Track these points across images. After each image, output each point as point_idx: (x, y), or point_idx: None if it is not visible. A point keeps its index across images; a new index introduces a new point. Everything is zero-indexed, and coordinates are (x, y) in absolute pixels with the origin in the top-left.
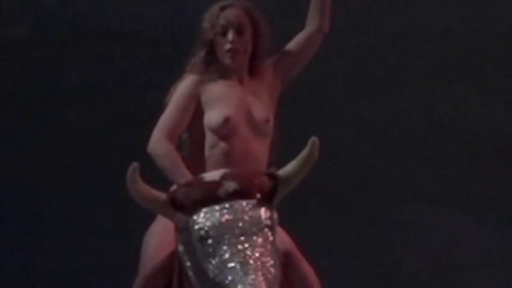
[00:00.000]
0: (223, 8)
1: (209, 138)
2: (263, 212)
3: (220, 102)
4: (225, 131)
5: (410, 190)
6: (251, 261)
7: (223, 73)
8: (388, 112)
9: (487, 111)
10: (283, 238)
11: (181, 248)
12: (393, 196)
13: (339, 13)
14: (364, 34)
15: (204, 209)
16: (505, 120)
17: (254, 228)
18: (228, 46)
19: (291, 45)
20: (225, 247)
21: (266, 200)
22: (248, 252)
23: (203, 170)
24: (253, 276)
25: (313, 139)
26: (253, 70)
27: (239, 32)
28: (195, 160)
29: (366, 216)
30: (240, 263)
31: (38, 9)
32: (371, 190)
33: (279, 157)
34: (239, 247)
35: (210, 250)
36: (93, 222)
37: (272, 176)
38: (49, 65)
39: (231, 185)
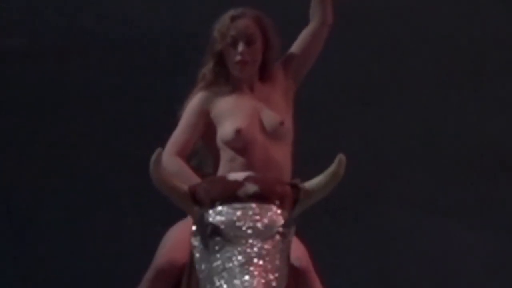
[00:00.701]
0: (233, 19)
1: (227, 153)
2: (278, 219)
3: (230, 115)
4: (239, 143)
5: (409, 198)
6: (252, 264)
7: (233, 84)
8: (387, 121)
9: (485, 120)
10: (300, 254)
11: (194, 241)
12: (392, 205)
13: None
14: (362, 43)
15: (220, 207)
16: (503, 128)
17: (266, 233)
18: (238, 58)
19: (297, 43)
20: (231, 246)
21: (285, 209)
22: (253, 255)
23: None
24: (247, 278)
25: (340, 156)
26: (264, 77)
27: (249, 43)
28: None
29: (365, 225)
30: (241, 264)
31: (36, 19)
32: (370, 199)
33: None
34: (246, 249)
35: (217, 247)
36: (92, 225)
37: (295, 187)
38: (47, 74)
39: (252, 187)
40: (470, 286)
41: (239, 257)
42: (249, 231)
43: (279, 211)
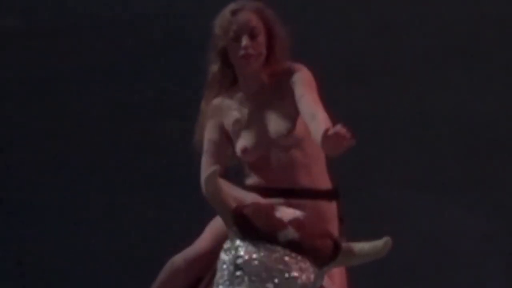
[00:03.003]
0: (234, 13)
1: (244, 164)
2: (306, 276)
3: (239, 129)
4: (248, 159)
5: (402, 178)
6: None
7: (241, 83)
8: (379, 100)
9: (478, 99)
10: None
11: (222, 256)
12: (385, 184)
13: (329, 2)
14: (354, 22)
15: (255, 241)
16: (497, 107)
17: (289, 285)
18: (242, 52)
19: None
20: (244, 285)
21: (318, 264)
22: None
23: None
24: None
25: (388, 239)
26: (273, 72)
27: (252, 36)
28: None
29: (358, 205)
30: None
31: (24, 1)
32: (363, 178)
33: None
34: None
35: (232, 279)
36: (85, 215)
37: (337, 245)
38: (39, 55)
39: (292, 234)
40: (464, 265)
41: None
42: (268, 279)
43: (311, 268)
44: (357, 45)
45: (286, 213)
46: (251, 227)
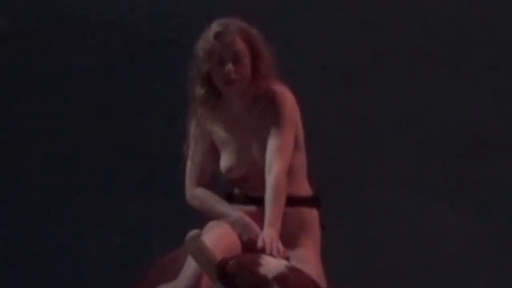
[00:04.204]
0: (217, 36)
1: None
2: None
3: (223, 148)
4: (232, 177)
5: (387, 178)
6: None
7: (226, 99)
8: (365, 101)
9: (463, 100)
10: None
11: None
12: (371, 184)
13: (317, 3)
14: (340, 22)
15: None
16: (482, 108)
17: None
18: (226, 76)
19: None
20: None
21: None
22: None
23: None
24: None
25: None
26: (258, 93)
27: (236, 60)
28: None
29: (344, 205)
30: None
31: (14, 1)
32: (350, 179)
33: None
34: None
35: None
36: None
37: None
38: (29, 55)
39: None
40: (451, 265)
41: None
42: None
43: None
44: (344, 46)
45: (271, 266)
46: (235, 285)
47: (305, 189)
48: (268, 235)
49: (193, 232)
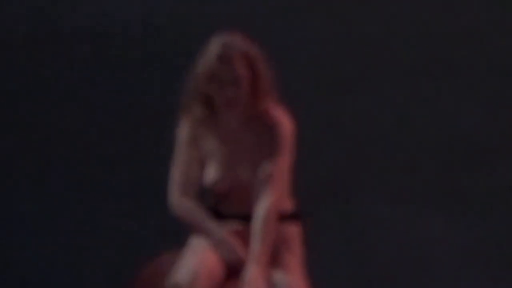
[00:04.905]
0: (219, 58)
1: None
2: None
3: (211, 161)
4: (215, 190)
5: (381, 189)
6: None
7: (222, 117)
8: (359, 111)
9: (457, 110)
10: None
11: None
12: (365, 195)
13: (310, 12)
14: (334, 33)
15: None
16: (475, 118)
17: None
18: (225, 99)
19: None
20: None
21: None
22: None
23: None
24: None
25: None
26: (255, 113)
27: (236, 83)
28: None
29: (337, 215)
30: None
31: (3, 9)
32: (343, 189)
33: None
34: None
35: None
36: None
37: None
38: (16, 65)
39: None
40: (443, 273)
41: None
42: None
43: None
44: (337, 56)
45: None
46: None
47: (287, 204)
48: (252, 276)
49: (173, 284)
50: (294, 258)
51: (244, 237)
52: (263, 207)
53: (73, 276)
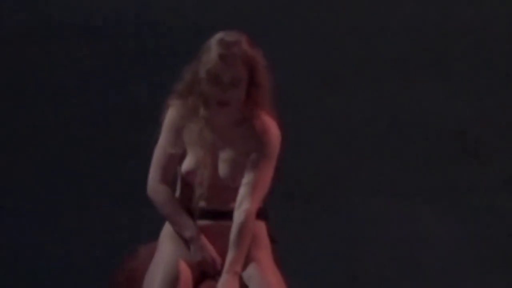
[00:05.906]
0: (221, 57)
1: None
2: None
3: (191, 150)
4: (189, 180)
5: (373, 185)
6: None
7: (211, 114)
8: (351, 107)
9: (449, 105)
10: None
11: None
12: (357, 191)
13: (300, 9)
14: (325, 29)
15: None
16: (468, 113)
17: None
18: (220, 98)
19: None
20: None
21: None
22: None
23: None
24: None
25: None
26: (246, 115)
27: (233, 84)
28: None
29: (330, 212)
30: None
31: None
32: (335, 185)
33: None
34: None
35: None
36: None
37: None
38: (10, 63)
39: None
40: (437, 270)
41: None
42: None
43: None
44: (329, 52)
45: None
46: None
47: None
48: (226, 285)
49: None
50: (264, 252)
51: (214, 233)
52: (243, 212)
53: (73, 276)
